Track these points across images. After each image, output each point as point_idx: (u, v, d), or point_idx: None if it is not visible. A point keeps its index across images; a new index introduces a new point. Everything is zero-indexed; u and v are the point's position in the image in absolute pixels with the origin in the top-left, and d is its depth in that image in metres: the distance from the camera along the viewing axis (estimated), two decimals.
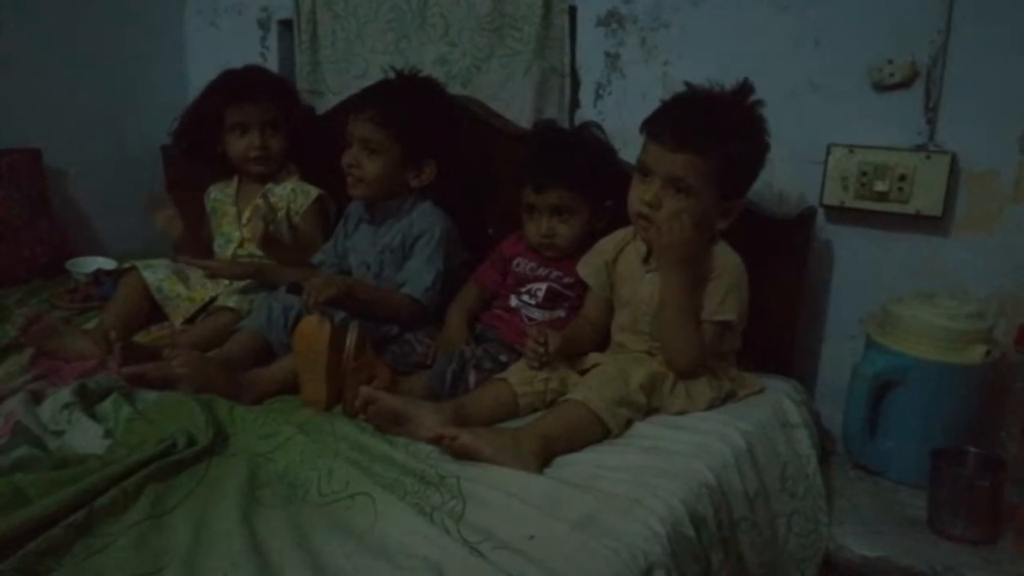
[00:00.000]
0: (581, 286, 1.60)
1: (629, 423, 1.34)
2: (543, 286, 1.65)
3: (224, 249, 1.98)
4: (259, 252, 1.90)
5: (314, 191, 1.96)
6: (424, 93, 1.77)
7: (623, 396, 1.33)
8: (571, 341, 1.46)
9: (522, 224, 1.68)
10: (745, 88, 1.41)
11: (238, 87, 1.96)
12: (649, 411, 1.38)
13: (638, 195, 1.42)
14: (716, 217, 1.43)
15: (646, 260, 1.48)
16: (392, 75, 1.81)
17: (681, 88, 1.48)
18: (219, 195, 2.04)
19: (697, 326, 1.40)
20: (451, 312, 1.70)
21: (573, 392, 1.34)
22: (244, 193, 2.01)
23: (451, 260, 1.74)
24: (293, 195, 1.95)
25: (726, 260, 1.44)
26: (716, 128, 1.37)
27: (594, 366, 1.44)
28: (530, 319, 1.64)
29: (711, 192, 1.39)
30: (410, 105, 1.71)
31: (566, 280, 1.64)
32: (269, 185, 1.96)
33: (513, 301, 1.67)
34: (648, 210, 1.40)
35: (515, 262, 1.70)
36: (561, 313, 1.64)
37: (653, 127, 1.42)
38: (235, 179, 2.03)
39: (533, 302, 1.65)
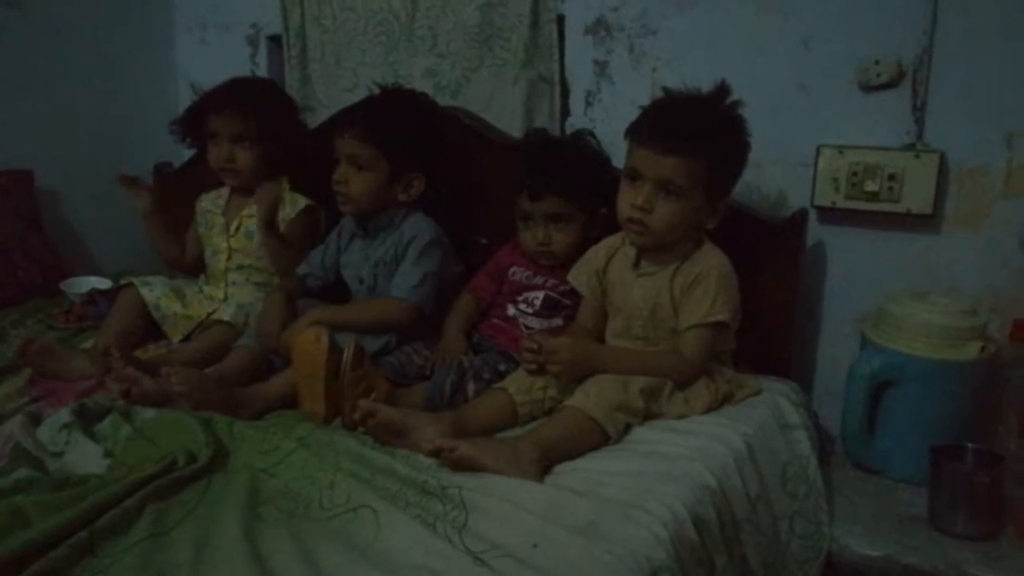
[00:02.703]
0: (579, 294, 1.61)
1: (628, 428, 1.35)
2: (540, 294, 1.65)
3: (214, 260, 1.98)
4: (247, 261, 1.93)
5: (302, 201, 1.95)
6: (409, 107, 1.77)
7: (621, 401, 1.33)
8: None
9: (515, 233, 1.69)
10: (723, 89, 1.43)
11: (216, 97, 1.95)
12: (648, 416, 1.38)
13: (628, 200, 1.43)
14: (704, 217, 1.44)
15: (636, 265, 1.49)
16: (377, 90, 1.82)
17: None
18: (209, 205, 2.04)
19: (650, 359, 1.43)
20: (448, 323, 1.70)
21: (571, 399, 1.35)
22: (233, 204, 2.00)
23: (445, 270, 1.74)
24: (282, 205, 1.94)
25: (711, 262, 1.44)
26: (702, 130, 1.39)
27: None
28: (528, 328, 1.64)
29: (700, 193, 1.40)
30: (395, 120, 1.71)
31: (562, 288, 1.64)
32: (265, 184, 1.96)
33: (510, 310, 1.67)
34: (640, 214, 1.41)
35: (511, 271, 1.70)
36: (559, 321, 1.64)
37: (639, 132, 1.43)
38: (226, 190, 2.03)
39: (530, 311, 1.65)
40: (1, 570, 0.96)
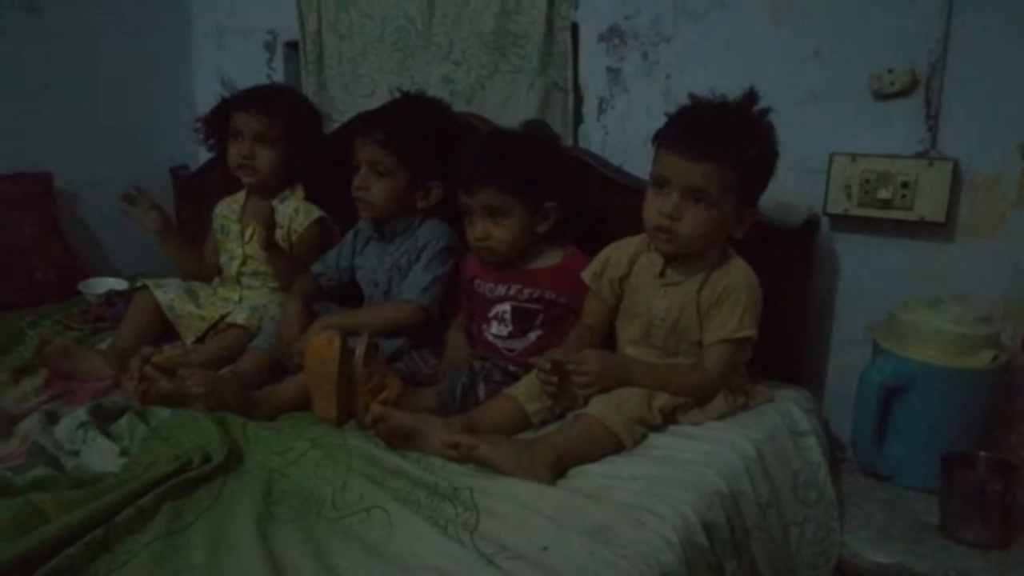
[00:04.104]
0: (547, 298, 1.59)
1: (643, 437, 1.35)
2: (507, 307, 1.62)
3: (228, 266, 2.00)
4: (262, 268, 1.94)
5: (315, 212, 1.96)
6: (431, 114, 1.78)
7: (641, 415, 1.34)
8: (575, 351, 1.46)
9: None
10: (752, 96, 1.41)
11: (241, 97, 1.98)
12: (663, 425, 1.38)
13: (656, 207, 1.40)
14: (732, 226, 1.43)
15: (662, 274, 1.47)
16: (399, 96, 1.83)
17: (683, 101, 1.48)
18: (225, 211, 2.06)
19: (677, 375, 1.42)
20: (451, 332, 1.71)
21: (589, 407, 1.34)
22: (249, 210, 2.02)
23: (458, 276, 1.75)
24: (295, 214, 1.96)
25: (740, 276, 1.43)
26: (733, 136, 1.37)
27: None
28: (510, 351, 1.62)
29: (730, 201, 1.38)
30: (417, 127, 1.72)
31: (527, 292, 1.60)
32: (275, 202, 1.98)
33: (488, 336, 1.64)
34: (669, 222, 1.39)
35: (475, 283, 1.67)
36: (539, 331, 1.61)
37: (668, 138, 1.41)
38: (242, 195, 2.05)
39: (505, 332, 1.62)
40: (19, 566, 0.97)
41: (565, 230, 1.64)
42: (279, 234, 1.90)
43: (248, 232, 1.97)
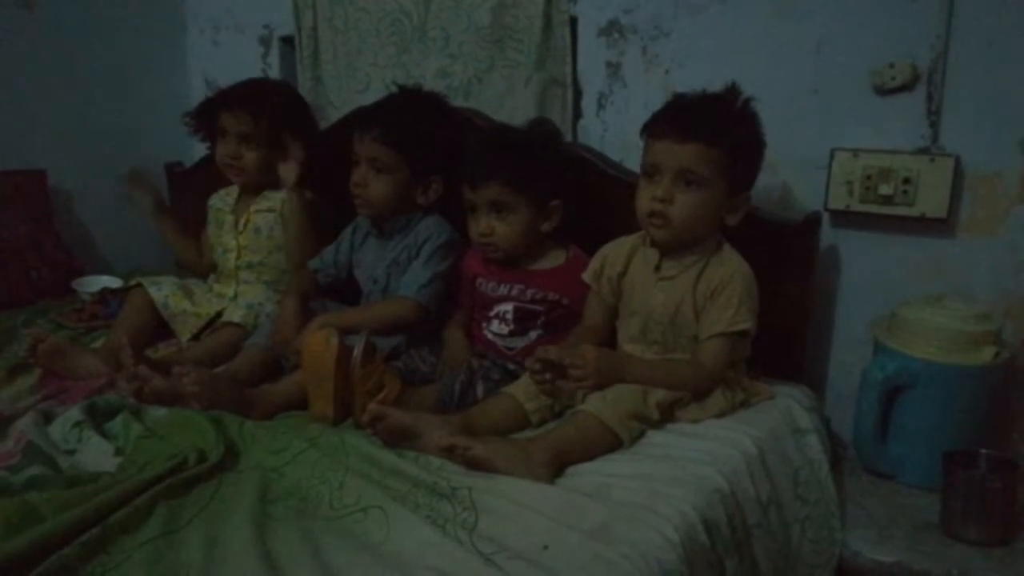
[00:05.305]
0: (549, 299, 1.59)
1: (641, 433, 1.34)
2: (509, 307, 1.61)
3: (224, 259, 1.98)
4: (257, 259, 1.93)
5: (306, 193, 1.94)
6: (430, 109, 1.76)
7: (638, 411, 1.33)
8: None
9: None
10: (734, 89, 1.44)
11: (230, 95, 1.96)
12: (662, 422, 1.37)
13: (648, 195, 1.42)
14: (725, 212, 1.43)
15: (657, 269, 1.48)
16: (396, 91, 1.81)
17: None
18: (219, 203, 2.04)
19: (673, 370, 1.41)
20: (450, 331, 1.70)
21: (586, 404, 1.33)
22: (242, 201, 2.00)
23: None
24: (287, 196, 1.93)
25: (734, 268, 1.43)
26: (717, 118, 1.40)
27: None
28: (510, 349, 1.61)
29: (720, 183, 1.39)
30: (417, 122, 1.70)
31: (530, 293, 1.60)
32: (269, 193, 1.97)
33: (488, 334, 1.64)
34: (661, 206, 1.40)
35: (477, 282, 1.66)
36: (539, 331, 1.61)
37: (656, 126, 1.43)
38: (235, 188, 2.03)
39: (506, 330, 1.62)
40: (14, 566, 0.96)
41: (566, 227, 1.63)
42: (271, 218, 1.92)
43: (242, 223, 1.96)
